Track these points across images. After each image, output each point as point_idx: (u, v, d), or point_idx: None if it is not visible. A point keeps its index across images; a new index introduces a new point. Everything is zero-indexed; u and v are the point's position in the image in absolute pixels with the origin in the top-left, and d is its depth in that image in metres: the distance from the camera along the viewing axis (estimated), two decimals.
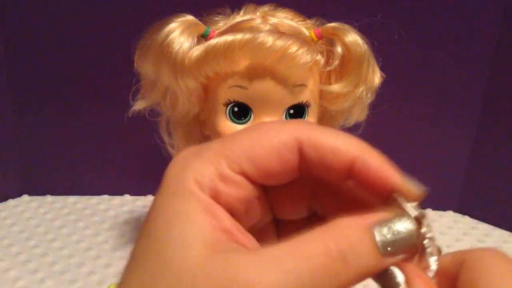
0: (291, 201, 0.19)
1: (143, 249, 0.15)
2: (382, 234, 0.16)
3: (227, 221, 0.16)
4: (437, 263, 0.17)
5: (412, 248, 0.16)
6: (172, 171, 0.16)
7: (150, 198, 0.74)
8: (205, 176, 0.16)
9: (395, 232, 0.16)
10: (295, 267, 0.14)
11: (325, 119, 0.48)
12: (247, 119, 0.42)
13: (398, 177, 0.17)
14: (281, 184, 0.18)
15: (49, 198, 0.75)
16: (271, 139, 0.16)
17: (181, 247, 0.15)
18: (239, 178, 0.16)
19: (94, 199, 0.73)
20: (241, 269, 0.14)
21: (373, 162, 0.16)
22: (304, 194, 0.19)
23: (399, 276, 0.16)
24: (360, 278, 0.15)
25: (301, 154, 0.16)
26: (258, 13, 0.44)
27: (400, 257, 0.16)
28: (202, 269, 0.14)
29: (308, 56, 0.39)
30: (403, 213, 0.16)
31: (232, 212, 0.17)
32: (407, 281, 0.16)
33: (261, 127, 0.17)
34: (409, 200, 0.17)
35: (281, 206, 0.19)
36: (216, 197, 0.16)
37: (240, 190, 0.16)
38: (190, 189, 0.16)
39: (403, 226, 0.16)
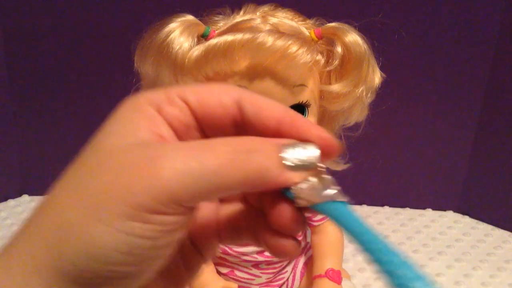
0: None
1: (89, 141, 0.19)
2: (289, 151, 0.19)
3: (165, 131, 0.19)
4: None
5: (312, 168, 0.19)
6: (132, 96, 0.20)
7: None
8: (155, 96, 0.19)
9: (300, 152, 0.19)
10: (202, 155, 0.17)
11: (325, 119, 0.48)
12: None
13: (319, 130, 0.20)
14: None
15: None
16: (219, 89, 0.20)
17: (115, 135, 0.18)
18: (182, 104, 0.19)
19: None
20: (156, 149, 0.17)
21: (299, 117, 0.20)
22: None
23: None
24: (260, 178, 0.18)
25: (241, 109, 0.20)
26: (258, 13, 0.44)
27: (300, 173, 0.19)
28: (124, 147, 0.17)
29: (308, 56, 0.39)
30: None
31: (173, 129, 0.20)
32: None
33: (214, 84, 0.21)
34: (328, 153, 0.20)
35: None
36: (159, 112, 0.19)
37: (180, 113, 0.19)
38: (140, 103, 0.19)
39: (309, 150, 0.19)
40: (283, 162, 0.18)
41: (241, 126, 0.20)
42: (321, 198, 0.19)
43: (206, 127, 0.20)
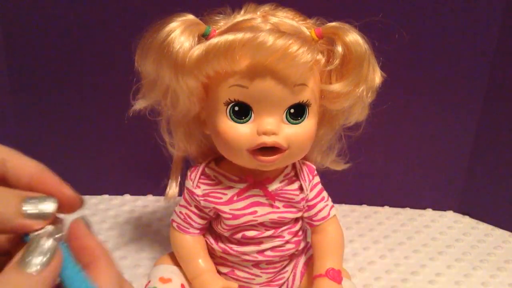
0: None
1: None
2: (31, 201, 0.23)
3: None
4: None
5: (47, 218, 0.23)
6: None
7: (150, 198, 0.74)
8: None
9: (39, 203, 0.23)
10: None
11: (326, 119, 0.48)
12: (247, 118, 0.42)
13: (62, 187, 0.24)
14: None
15: None
16: None
17: None
18: None
19: (94, 199, 0.73)
20: None
21: (48, 175, 0.24)
22: None
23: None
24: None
25: (1, 169, 0.23)
26: (258, 13, 0.44)
27: (37, 221, 0.23)
28: None
29: (309, 56, 0.39)
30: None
31: None
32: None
33: None
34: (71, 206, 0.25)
35: None
36: None
37: None
38: None
39: (47, 202, 0.23)
40: (23, 210, 0.22)
41: (4, 183, 0.23)
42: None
43: None
